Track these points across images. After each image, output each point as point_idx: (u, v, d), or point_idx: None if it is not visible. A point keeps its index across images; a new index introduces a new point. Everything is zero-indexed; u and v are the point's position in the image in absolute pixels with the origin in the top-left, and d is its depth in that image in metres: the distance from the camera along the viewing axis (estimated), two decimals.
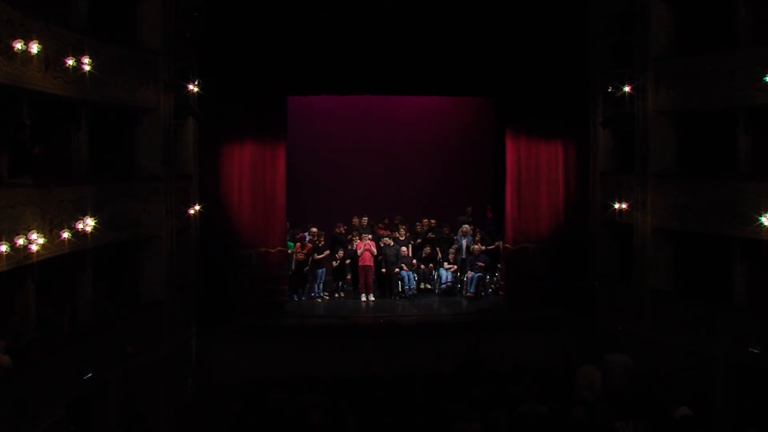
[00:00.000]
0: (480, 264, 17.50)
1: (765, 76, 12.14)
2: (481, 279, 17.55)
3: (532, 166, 16.86)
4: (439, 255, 18.24)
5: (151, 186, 13.83)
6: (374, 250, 17.40)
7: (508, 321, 16.35)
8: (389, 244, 17.63)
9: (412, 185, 19.70)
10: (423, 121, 19.94)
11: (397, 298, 17.65)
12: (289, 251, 17.08)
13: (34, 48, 10.23)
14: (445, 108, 19.68)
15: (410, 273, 17.75)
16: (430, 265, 18.26)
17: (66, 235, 11.11)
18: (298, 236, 17.54)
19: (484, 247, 17.70)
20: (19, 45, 9.94)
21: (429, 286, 18.25)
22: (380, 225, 18.59)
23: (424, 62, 16.01)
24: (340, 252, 17.62)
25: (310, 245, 17.38)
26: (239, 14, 15.56)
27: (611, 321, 15.33)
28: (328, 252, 17.53)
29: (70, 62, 11.14)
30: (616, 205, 15.22)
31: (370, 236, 17.61)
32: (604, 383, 12.73)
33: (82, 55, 11.40)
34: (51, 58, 10.80)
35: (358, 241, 17.67)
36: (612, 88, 14.99)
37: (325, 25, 15.66)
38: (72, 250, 11.42)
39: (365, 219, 18.34)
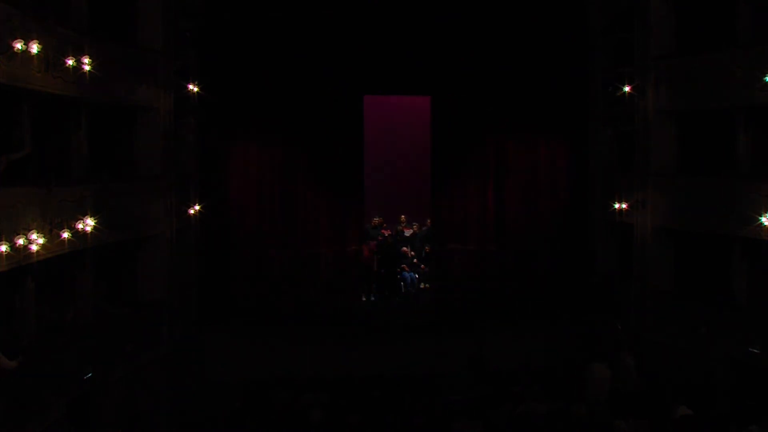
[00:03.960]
0: None
1: (765, 76, 12.13)
2: None
3: (532, 166, 16.85)
4: None
5: (151, 185, 13.83)
6: (374, 250, 17.39)
7: (508, 321, 16.33)
8: (394, 237, 17.54)
9: (414, 185, 19.67)
10: (423, 120, 19.89)
11: (398, 298, 17.65)
12: None
13: (34, 48, 10.23)
14: None
15: (411, 273, 17.73)
16: None
17: (66, 234, 11.11)
18: None
19: None
20: (19, 45, 9.94)
21: (429, 286, 18.23)
22: (384, 224, 18.60)
23: (423, 61, 16.00)
24: None
25: None
26: (239, 13, 15.56)
27: (611, 321, 15.30)
28: None
29: (70, 62, 11.13)
30: (616, 205, 15.21)
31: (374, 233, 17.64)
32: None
33: (82, 54, 11.40)
34: (51, 57, 10.79)
35: None
36: (612, 88, 14.98)
37: (323, 26, 15.66)
38: (72, 250, 11.41)
39: (376, 219, 18.39)
